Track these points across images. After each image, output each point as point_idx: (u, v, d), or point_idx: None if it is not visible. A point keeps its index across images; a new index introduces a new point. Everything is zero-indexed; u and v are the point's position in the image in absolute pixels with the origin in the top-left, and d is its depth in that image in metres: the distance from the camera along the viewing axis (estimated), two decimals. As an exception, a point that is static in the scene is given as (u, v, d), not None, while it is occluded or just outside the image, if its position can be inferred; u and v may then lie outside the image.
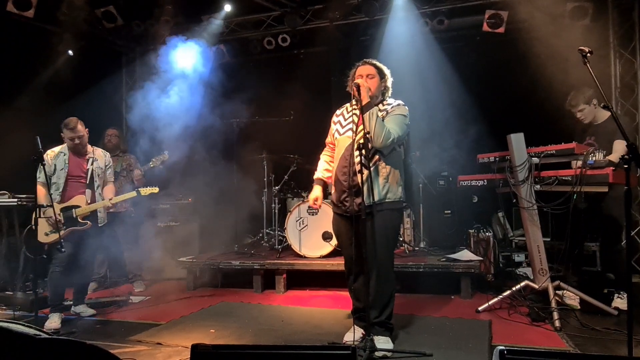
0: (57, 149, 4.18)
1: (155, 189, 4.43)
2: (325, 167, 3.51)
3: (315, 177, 3.53)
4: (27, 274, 4.86)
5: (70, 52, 6.42)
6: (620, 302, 3.78)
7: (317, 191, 3.46)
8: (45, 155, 4.00)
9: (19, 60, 5.80)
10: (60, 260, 3.93)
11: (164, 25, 6.00)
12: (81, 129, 4.14)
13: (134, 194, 4.30)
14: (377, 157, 3.08)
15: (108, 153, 4.50)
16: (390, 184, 3.09)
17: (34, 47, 5.96)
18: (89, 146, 4.30)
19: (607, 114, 3.96)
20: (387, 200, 3.08)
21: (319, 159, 3.60)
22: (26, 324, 1.72)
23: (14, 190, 5.00)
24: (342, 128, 3.24)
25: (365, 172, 2.95)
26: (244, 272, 5.11)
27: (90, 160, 4.26)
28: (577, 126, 4.17)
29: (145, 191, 4.37)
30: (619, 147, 3.74)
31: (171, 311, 4.29)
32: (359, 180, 2.95)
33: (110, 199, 4.17)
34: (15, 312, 4.31)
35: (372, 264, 3.01)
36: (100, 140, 5.27)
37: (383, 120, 3.06)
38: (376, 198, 3.01)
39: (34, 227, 3.71)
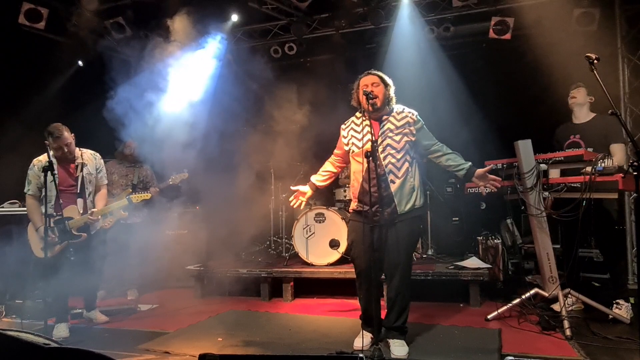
0: (42, 157, 3.87)
1: (147, 195, 4.34)
2: (322, 177, 3.61)
3: (310, 179, 3.64)
4: (36, 282, 4.89)
5: (80, 62, 6.51)
6: (617, 312, 3.71)
7: (303, 188, 3.60)
8: (32, 165, 3.89)
9: (30, 71, 5.90)
10: (59, 272, 3.83)
11: (171, 35, 6.06)
12: (67, 135, 3.87)
13: (125, 202, 4.16)
14: (406, 166, 3.16)
15: (98, 154, 4.26)
16: (417, 192, 3.20)
17: (44, 58, 6.05)
18: (77, 149, 4.04)
19: (592, 114, 4.02)
20: (415, 207, 3.19)
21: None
22: (35, 333, 1.73)
23: (24, 199, 5.04)
24: (359, 142, 3.25)
25: (397, 181, 3.12)
26: (252, 280, 5.11)
27: (79, 166, 4.01)
28: (563, 127, 4.19)
29: (137, 198, 4.22)
30: (619, 152, 3.72)
31: (179, 319, 4.29)
32: (392, 189, 3.11)
33: (91, 212, 3.92)
34: (24, 321, 4.33)
35: (396, 269, 3.15)
36: (116, 150, 5.35)
37: (415, 134, 3.21)
38: (407, 207, 3.15)
39: (29, 241, 3.64)
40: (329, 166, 3.61)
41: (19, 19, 5.62)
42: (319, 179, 3.62)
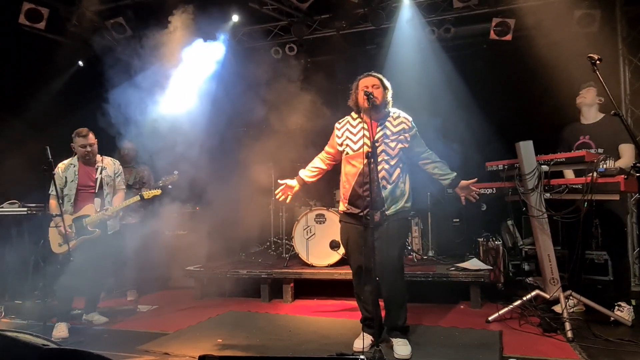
0: (66, 161, 4.27)
1: (158, 191, 4.46)
2: (311, 173, 3.58)
3: (299, 173, 3.61)
4: (36, 283, 4.88)
5: (80, 62, 6.50)
6: (619, 314, 3.70)
7: (291, 182, 3.57)
8: (56, 169, 4.09)
9: (30, 71, 5.90)
10: (70, 270, 3.93)
11: (172, 35, 6.06)
12: (92, 137, 4.26)
13: (137, 198, 4.33)
14: (398, 171, 3.20)
15: (117, 161, 4.56)
16: (406, 196, 3.25)
17: (44, 58, 6.05)
18: (98, 155, 4.39)
19: (601, 114, 3.99)
20: (404, 209, 3.24)
21: None
22: (34, 334, 1.72)
23: (24, 199, 5.04)
24: (355, 144, 3.25)
25: (389, 187, 3.17)
26: (252, 281, 5.10)
27: (99, 169, 4.34)
28: (571, 128, 4.16)
29: (149, 194, 4.38)
30: (628, 151, 3.71)
31: (179, 320, 4.28)
32: (383, 194, 3.15)
33: (106, 209, 4.19)
34: (24, 322, 4.32)
35: (389, 269, 3.16)
36: (115, 153, 5.33)
37: (409, 141, 3.24)
38: (396, 209, 3.20)
39: (49, 238, 3.75)
40: (319, 162, 3.58)
41: (20, 19, 5.62)
42: (308, 174, 3.59)
